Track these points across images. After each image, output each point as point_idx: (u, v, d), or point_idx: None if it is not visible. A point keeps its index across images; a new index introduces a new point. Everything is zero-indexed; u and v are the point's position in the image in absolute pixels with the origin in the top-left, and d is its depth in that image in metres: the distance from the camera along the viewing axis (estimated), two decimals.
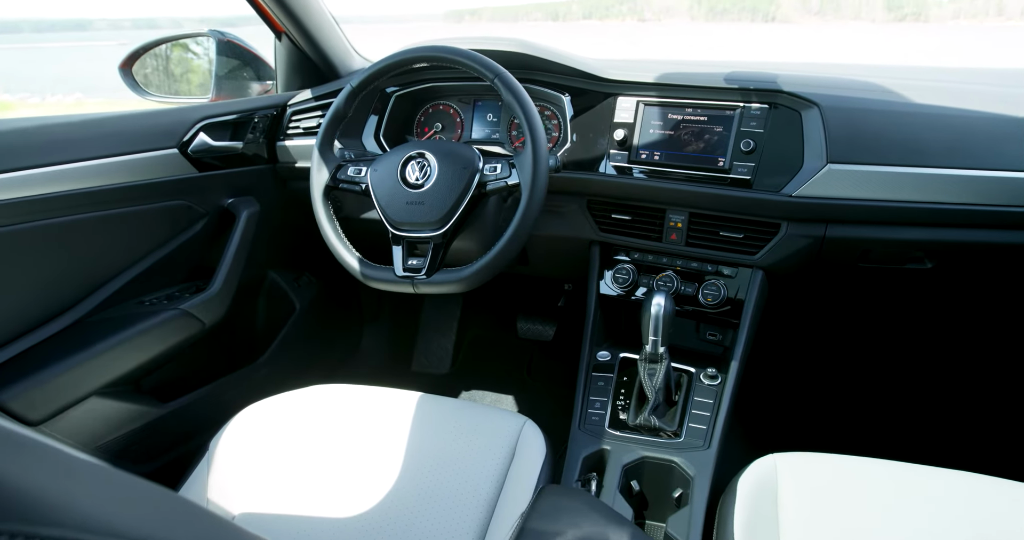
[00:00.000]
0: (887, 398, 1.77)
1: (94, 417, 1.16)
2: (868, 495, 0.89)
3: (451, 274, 1.08)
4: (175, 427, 1.31)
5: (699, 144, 1.23)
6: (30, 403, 1.04)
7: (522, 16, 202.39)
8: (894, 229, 1.16)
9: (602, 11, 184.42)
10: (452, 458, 0.97)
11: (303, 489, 0.94)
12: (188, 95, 1.63)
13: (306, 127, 1.47)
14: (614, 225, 1.34)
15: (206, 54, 1.59)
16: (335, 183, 1.17)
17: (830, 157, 1.11)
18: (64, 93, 12.92)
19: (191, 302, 1.27)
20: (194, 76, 1.62)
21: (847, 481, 0.91)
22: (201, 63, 1.60)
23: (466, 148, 1.13)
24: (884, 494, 0.89)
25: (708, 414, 1.19)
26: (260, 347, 1.57)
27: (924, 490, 0.90)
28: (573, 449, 1.18)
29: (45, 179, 1.05)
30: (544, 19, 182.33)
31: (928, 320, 1.62)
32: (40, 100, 12.46)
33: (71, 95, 12.54)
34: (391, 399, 1.09)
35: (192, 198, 1.31)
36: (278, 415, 1.06)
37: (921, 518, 0.85)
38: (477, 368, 2.09)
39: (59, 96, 12.53)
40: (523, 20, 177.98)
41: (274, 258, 1.60)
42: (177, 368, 1.35)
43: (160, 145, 1.24)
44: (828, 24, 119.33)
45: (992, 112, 1.11)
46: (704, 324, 1.36)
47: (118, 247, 1.21)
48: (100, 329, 1.15)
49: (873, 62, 10.00)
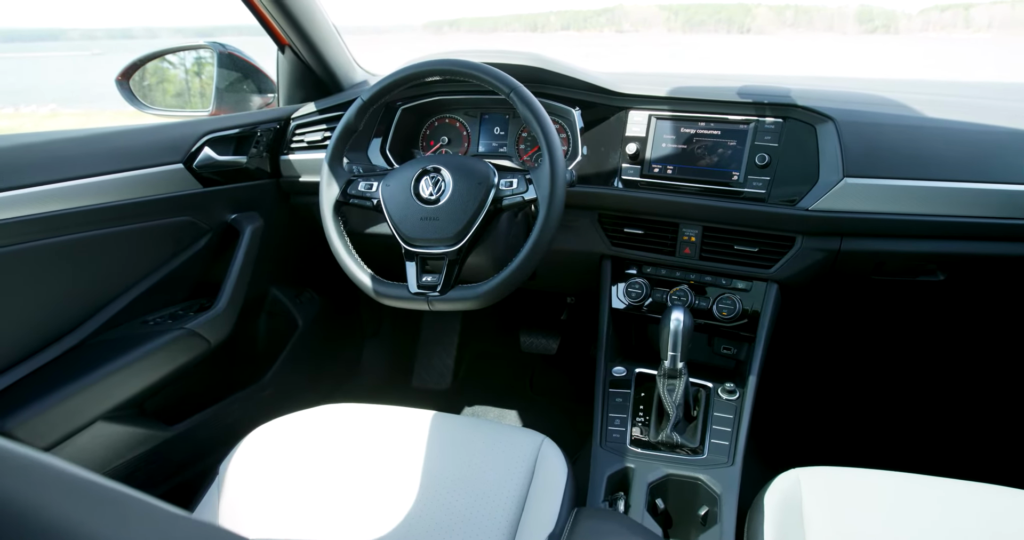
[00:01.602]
0: (901, 410, 1.78)
1: (100, 443, 1.12)
2: (893, 509, 0.88)
3: (467, 291, 1.06)
4: (181, 450, 1.27)
5: (712, 158, 1.23)
6: (35, 430, 1.00)
7: (501, 27, 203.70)
8: (908, 242, 1.17)
9: (580, 22, 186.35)
10: (470, 478, 0.95)
11: (319, 513, 0.91)
12: (187, 108, 1.60)
13: (310, 141, 1.45)
14: (626, 239, 1.33)
15: (205, 67, 1.56)
16: (345, 198, 1.15)
17: (846, 171, 1.12)
18: (38, 104, 12.73)
19: (197, 321, 1.23)
20: (193, 89, 1.59)
21: (871, 495, 0.91)
22: (201, 76, 1.57)
23: (481, 163, 1.12)
24: (908, 508, 0.88)
25: (729, 429, 1.18)
26: (264, 366, 1.53)
27: (950, 503, 0.89)
28: (596, 468, 1.16)
29: (51, 196, 1.02)
30: (523, 30, 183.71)
31: (941, 331, 1.63)
32: (14, 110, 12.25)
33: (46, 106, 12.36)
34: (403, 418, 1.07)
35: (196, 214, 1.28)
36: (288, 437, 1.03)
37: (948, 531, 0.85)
38: (479, 383, 2.06)
39: (33, 106, 12.35)
40: (502, 31, 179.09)
41: (276, 274, 1.57)
42: (181, 389, 1.31)
43: (165, 160, 1.21)
44: (801, 35, 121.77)
45: (1004, 126, 1.12)
46: (718, 338, 1.36)
47: (121, 265, 1.18)
48: (105, 351, 1.11)
49: (881, 76, 10.16)
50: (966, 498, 0.90)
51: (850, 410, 1.81)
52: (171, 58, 1.55)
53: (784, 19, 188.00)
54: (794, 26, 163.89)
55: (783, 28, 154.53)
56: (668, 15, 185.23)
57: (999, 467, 1.55)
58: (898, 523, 0.86)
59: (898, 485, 0.92)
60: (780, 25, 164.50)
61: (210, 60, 1.52)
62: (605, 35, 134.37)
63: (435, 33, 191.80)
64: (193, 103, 1.59)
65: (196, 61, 1.58)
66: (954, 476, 0.94)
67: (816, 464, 0.97)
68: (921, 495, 0.91)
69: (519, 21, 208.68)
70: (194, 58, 1.58)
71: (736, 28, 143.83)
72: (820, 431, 1.79)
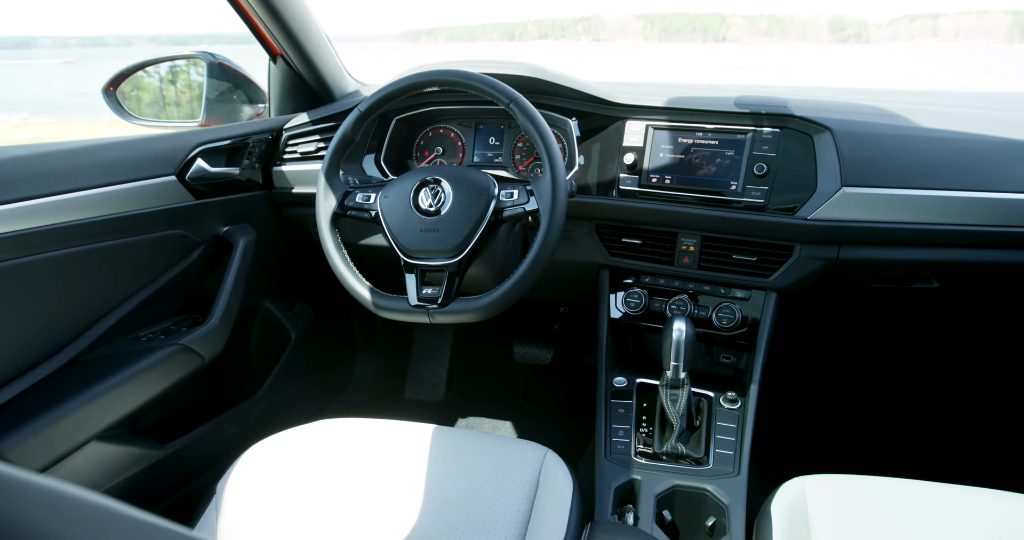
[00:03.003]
0: (900, 416, 1.79)
1: (92, 464, 1.08)
2: (897, 515, 0.89)
3: (468, 303, 1.05)
4: (175, 469, 1.24)
5: (711, 168, 1.23)
6: (28, 452, 0.96)
7: (479, 35, 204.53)
8: (904, 250, 1.18)
9: (558, 31, 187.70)
10: (474, 493, 0.93)
11: (321, 533, 0.89)
12: (175, 119, 1.57)
13: (303, 152, 1.43)
14: (624, 249, 1.33)
15: (194, 76, 1.53)
16: (343, 210, 1.13)
17: (844, 180, 1.13)
18: (8, 113, 12.50)
19: (190, 336, 1.20)
20: (182, 99, 1.57)
21: (875, 502, 0.91)
22: (190, 85, 1.55)
23: (480, 173, 1.11)
24: (913, 514, 0.89)
25: (733, 439, 1.18)
26: (257, 380, 1.50)
27: (953, 508, 0.90)
28: (602, 480, 1.15)
29: (42, 211, 0.99)
30: (500, 39, 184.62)
31: (938, 338, 1.65)
32: None
33: (16, 115, 12.13)
34: (402, 432, 1.05)
35: (188, 227, 1.26)
36: (286, 453, 1.01)
37: (952, 536, 0.86)
38: (471, 394, 2.05)
39: (3, 116, 12.12)
40: (480, 39, 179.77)
41: (268, 287, 1.54)
42: (173, 405, 1.28)
43: (158, 172, 1.18)
44: (775, 44, 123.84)
45: (998, 136, 1.14)
46: (717, 346, 1.36)
47: (112, 280, 1.15)
48: (97, 369, 1.08)
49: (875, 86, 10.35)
50: (969, 503, 0.91)
51: (849, 417, 1.83)
52: (159, 68, 1.53)
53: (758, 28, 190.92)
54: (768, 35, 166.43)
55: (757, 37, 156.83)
56: (645, 24, 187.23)
57: (1000, 471, 1.57)
58: (903, 529, 0.87)
59: (902, 491, 0.93)
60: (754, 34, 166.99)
61: (199, 70, 1.49)
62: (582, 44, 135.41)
63: (413, 41, 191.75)
64: (182, 113, 1.56)
65: (185, 71, 1.55)
66: (955, 481, 0.95)
67: (818, 471, 0.97)
68: (925, 501, 0.91)
69: (497, 30, 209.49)
70: (182, 67, 1.56)
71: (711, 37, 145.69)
72: (821, 438, 1.80)
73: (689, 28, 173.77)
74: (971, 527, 0.87)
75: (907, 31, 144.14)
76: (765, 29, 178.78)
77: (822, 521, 0.89)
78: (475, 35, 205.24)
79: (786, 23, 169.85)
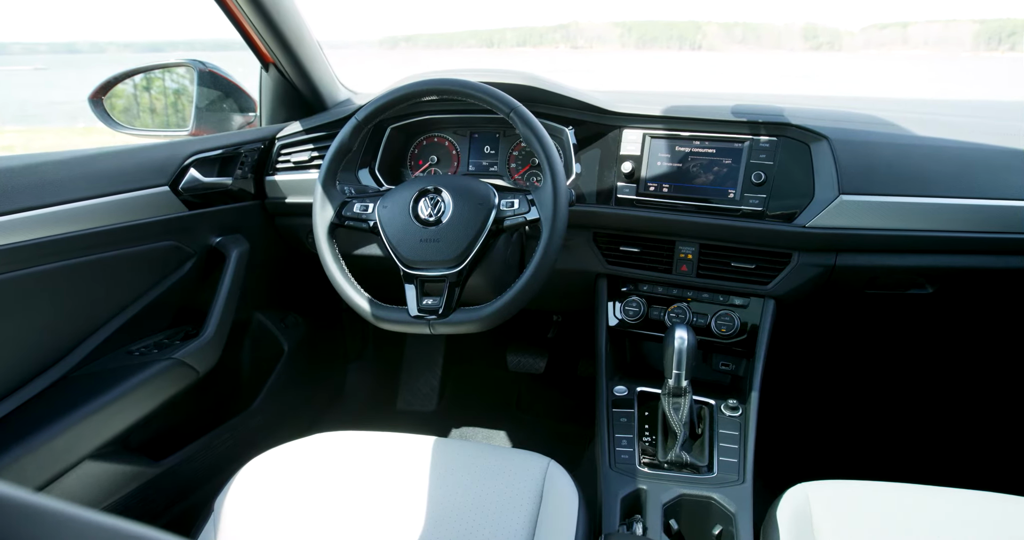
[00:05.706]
0: (899, 420, 1.81)
1: (87, 483, 1.05)
2: (901, 520, 0.89)
3: (470, 314, 1.03)
4: (171, 486, 1.21)
5: (708, 176, 1.23)
6: (21, 472, 0.93)
7: (457, 43, 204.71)
8: (901, 256, 1.19)
9: (536, 39, 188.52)
10: (477, 505, 0.92)
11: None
12: (164, 128, 1.54)
13: (296, 161, 1.41)
14: (622, 257, 1.33)
15: (184, 84, 1.51)
16: (341, 221, 1.11)
17: (842, 188, 1.14)
18: None
19: (184, 350, 1.18)
20: (171, 108, 1.54)
21: (878, 507, 0.92)
22: (179, 94, 1.52)
23: (480, 183, 1.10)
24: (916, 518, 0.89)
25: (736, 446, 1.18)
26: (250, 393, 1.48)
27: (956, 512, 0.91)
28: (608, 491, 1.14)
29: (33, 223, 0.96)
30: (479, 46, 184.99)
31: (934, 342, 1.67)
32: None
33: None
34: (401, 445, 1.03)
35: (180, 238, 1.23)
36: (285, 468, 0.99)
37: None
38: (464, 404, 2.03)
39: None
40: (458, 47, 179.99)
41: (261, 298, 1.52)
42: (166, 420, 1.25)
43: (151, 182, 1.16)
44: (751, 52, 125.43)
45: (993, 145, 1.16)
46: (715, 354, 1.36)
47: (104, 294, 1.12)
48: (90, 385, 1.05)
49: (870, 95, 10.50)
50: (972, 506, 0.92)
51: (848, 422, 1.84)
52: (148, 76, 1.50)
53: (733, 36, 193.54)
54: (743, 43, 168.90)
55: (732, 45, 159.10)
56: (622, 32, 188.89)
57: (1000, 475, 1.58)
58: (907, 533, 0.87)
59: (904, 496, 0.93)
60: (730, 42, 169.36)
61: (189, 78, 1.47)
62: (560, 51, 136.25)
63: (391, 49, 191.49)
64: (171, 122, 1.53)
65: (174, 79, 1.53)
66: (956, 485, 0.95)
67: (819, 478, 0.98)
68: (928, 505, 0.92)
69: (475, 37, 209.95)
70: (171, 76, 1.53)
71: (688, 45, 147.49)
72: (821, 444, 1.81)
73: (666, 35, 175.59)
74: (975, 530, 0.88)
75: (878, 39, 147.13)
76: (740, 37, 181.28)
77: (827, 527, 0.89)
78: (453, 42, 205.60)
79: (761, 30, 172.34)
